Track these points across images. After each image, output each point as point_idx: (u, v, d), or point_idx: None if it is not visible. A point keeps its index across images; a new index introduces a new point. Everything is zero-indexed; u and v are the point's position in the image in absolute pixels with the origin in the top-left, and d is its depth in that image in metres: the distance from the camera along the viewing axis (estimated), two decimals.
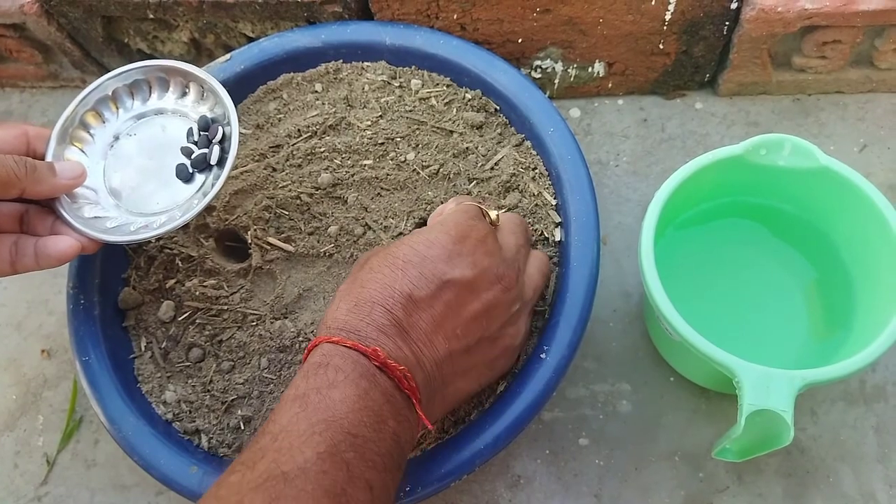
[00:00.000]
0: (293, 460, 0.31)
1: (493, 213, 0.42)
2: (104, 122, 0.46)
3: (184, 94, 0.46)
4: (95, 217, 0.43)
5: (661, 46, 0.53)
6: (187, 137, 0.45)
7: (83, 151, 0.45)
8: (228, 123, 0.43)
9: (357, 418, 0.32)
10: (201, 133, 0.45)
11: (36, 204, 0.42)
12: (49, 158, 0.43)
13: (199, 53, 0.58)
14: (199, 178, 0.44)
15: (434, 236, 0.38)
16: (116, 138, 0.45)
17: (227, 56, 0.51)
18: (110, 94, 0.46)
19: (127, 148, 0.45)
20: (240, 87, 0.51)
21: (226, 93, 0.44)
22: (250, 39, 0.55)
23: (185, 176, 0.44)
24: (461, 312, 0.37)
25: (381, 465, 0.33)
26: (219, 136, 0.44)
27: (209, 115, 0.45)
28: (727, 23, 0.51)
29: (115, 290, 0.48)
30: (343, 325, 0.36)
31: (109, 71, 0.46)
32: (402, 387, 0.35)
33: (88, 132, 0.45)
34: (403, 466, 0.35)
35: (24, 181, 0.39)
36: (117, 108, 0.46)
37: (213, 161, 0.43)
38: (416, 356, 0.36)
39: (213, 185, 0.42)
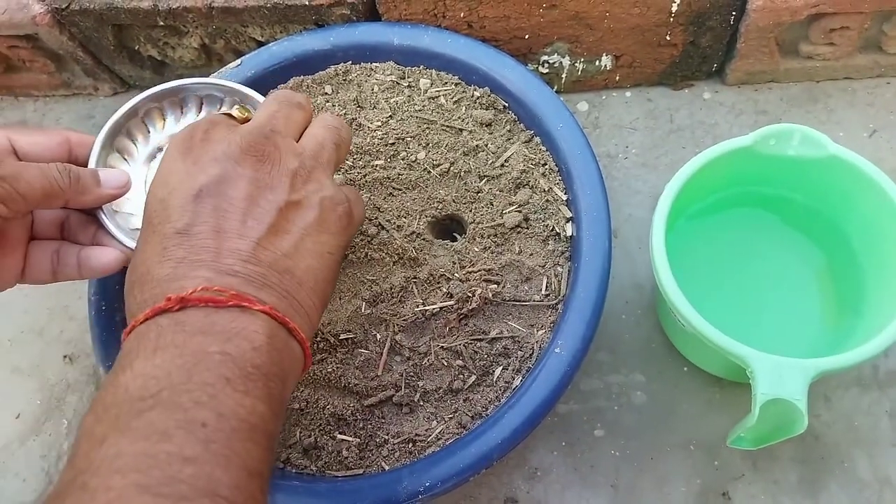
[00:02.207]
0: None
1: (235, 112, 0.39)
2: (149, 133, 0.44)
3: None
4: (136, 228, 0.41)
5: (668, 38, 0.53)
6: None
7: (125, 160, 0.44)
8: None
9: None
10: None
11: (77, 210, 0.41)
12: (92, 165, 0.42)
13: (209, 59, 0.59)
14: None
15: (164, 166, 0.36)
16: (160, 149, 0.44)
17: (238, 61, 0.51)
18: (160, 105, 0.44)
19: None
20: None
21: None
22: (260, 43, 0.56)
23: None
24: (233, 206, 0.34)
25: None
26: None
27: None
28: (734, 13, 0.51)
29: None
30: None
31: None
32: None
33: (133, 141, 0.44)
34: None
35: (67, 192, 0.38)
36: (164, 120, 0.45)
37: None
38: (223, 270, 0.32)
39: None
